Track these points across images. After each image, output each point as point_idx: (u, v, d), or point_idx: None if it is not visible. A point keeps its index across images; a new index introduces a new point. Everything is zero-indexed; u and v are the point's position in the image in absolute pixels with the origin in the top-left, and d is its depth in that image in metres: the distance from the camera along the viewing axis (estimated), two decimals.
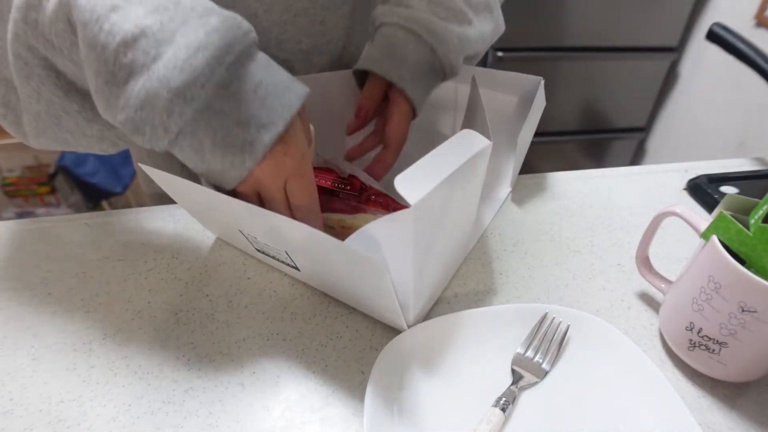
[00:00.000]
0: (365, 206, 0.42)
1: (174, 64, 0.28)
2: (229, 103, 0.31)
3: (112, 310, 0.41)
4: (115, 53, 0.28)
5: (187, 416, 0.33)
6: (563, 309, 0.39)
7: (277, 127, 0.32)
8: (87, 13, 0.27)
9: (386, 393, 0.33)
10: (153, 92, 0.28)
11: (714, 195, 0.54)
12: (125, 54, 0.28)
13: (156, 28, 0.28)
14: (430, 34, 0.42)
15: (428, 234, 0.32)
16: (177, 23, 0.29)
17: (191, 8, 0.29)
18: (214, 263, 0.45)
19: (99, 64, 0.28)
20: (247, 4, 0.48)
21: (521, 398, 0.34)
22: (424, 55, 0.44)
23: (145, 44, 0.28)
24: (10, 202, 1.73)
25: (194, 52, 0.28)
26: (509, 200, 0.54)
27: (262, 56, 0.33)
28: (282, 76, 0.33)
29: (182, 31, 0.29)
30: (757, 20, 1.35)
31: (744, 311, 0.30)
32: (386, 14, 0.44)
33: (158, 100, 0.28)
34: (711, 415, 0.34)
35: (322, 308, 0.41)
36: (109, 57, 0.28)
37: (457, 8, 0.43)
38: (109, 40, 0.27)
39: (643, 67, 1.60)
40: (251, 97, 0.31)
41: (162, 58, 0.28)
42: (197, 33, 0.29)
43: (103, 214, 0.52)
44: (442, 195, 0.31)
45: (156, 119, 0.29)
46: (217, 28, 0.29)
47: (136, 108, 0.28)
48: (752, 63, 0.58)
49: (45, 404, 0.34)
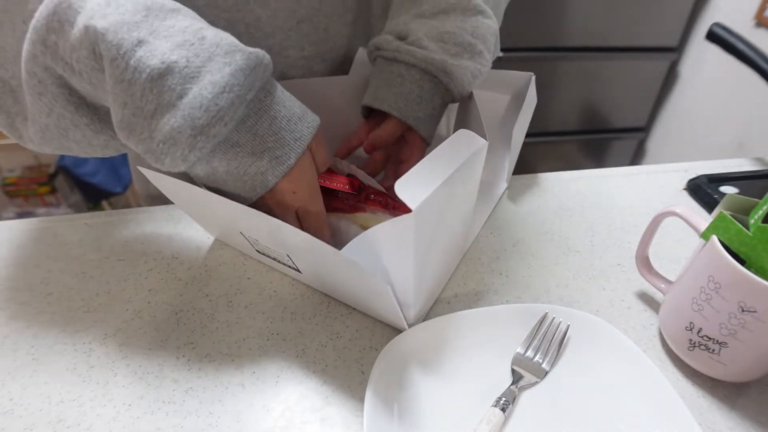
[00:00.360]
0: (364, 205, 0.42)
1: (200, 103, 0.29)
2: (246, 136, 0.32)
3: (112, 310, 0.41)
4: (141, 89, 0.28)
5: (187, 416, 0.33)
6: (563, 309, 0.39)
7: (289, 160, 0.34)
8: (114, 49, 0.28)
9: (386, 393, 0.33)
10: (177, 129, 0.29)
11: (714, 195, 0.54)
12: (151, 90, 0.28)
13: (182, 65, 0.29)
14: (446, 74, 0.42)
15: (428, 235, 0.32)
16: (203, 59, 0.29)
17: (216, 44, 0.30)
18: (214, 263, 0.45)
19: (126, 97, 0.29)
20: (250, 9, 0.48)
21: (521, 398, 0.34)
22: (439, 96, 0.44)
23: (171, 81, 0.28)
24: (11, 202, 1.73)
25: (220, 91, 0.29)
26: (509, 200, 0.54)
27: (277, 89, 0.34)
28: (295, 107, 0.35)
29: (208, 68, 0.29)
30: (757, 20, 1.35)
31: (744, 311, 0.30)
32: (399, 50, 0.43)
33: (182, 136, 0.29)
34: (711, 415, 0.34)
35: (322, 308, 0.41)
36: (135, 92, 0.28)
37: (466, 42, 0.42)
38: (135, 76, 0.28)
39: (643, 67, 1.59)
40: (266, 131, 0.33)
41: (188, 95, 0.29)
42: (223, 71, 0.29)
43: (103, 214, 0.52)
44: (441, 197, 0.31)
45: (177, 153, 0.30)
46: (242, 67, 0.30)
47: (160, 141, 0.29)
48: (752, 63, 0.58)
49: (45, 404, 0.34)
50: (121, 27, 0.28)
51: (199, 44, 0.30)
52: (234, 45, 0.31)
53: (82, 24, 0.28)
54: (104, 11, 0.28)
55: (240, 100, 0.30)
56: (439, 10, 0.43)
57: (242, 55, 0.30)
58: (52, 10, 0.28)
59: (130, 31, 0.28)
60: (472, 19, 0.43)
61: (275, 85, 0.34)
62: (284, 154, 0.34)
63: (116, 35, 0.28)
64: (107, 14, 0.28)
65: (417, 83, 0.43)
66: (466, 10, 0.43)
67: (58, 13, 0.28)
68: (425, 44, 0.42)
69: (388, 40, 0.44)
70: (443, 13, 0.43)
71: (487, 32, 0.44)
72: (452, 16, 0.43)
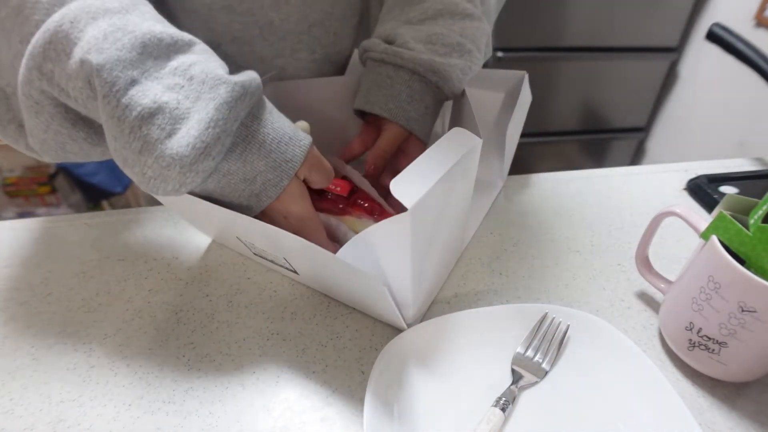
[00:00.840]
0: (351, 209, 0.42)
1: (187, 141, 0.29)
2: (236, 164, 0.32)
3: (112, 310, 0.41)
4: (130, 127, 0.29)
5: (187, 416, 0.33)
6: (563, 309, 0.39)
7: (282, 183, 0.34)
8: (107, 86, 0.28)
9: (386, 393, 0.33)
10: (167, 166, 0.29)
11: (714, 195, 0.54)
12: (140, 128, 0.29)
13: (173, 105, 0.29)
14: (434, 73, 0.42)
15: (425, 234, 0.33)
16: (192, 100, 0.30)
17: (202, 81, 0.30)
18: (214, 263, 0.45)
19: (116, 132, 0.29)
20: (264, 13, 0.48)
21: (521, 398, 0.34)
22: (431, 95, 0.44)
23: (161, 120, 0.29)
24: (11, 202, 1.73)
25: (205, 127, 0.29)
26: (509, 200, 0.54)
27: (266, 111, 0.34)
28: (285, 128, 0.35)
29: (196, 108, 0.30)
30: (757, 20, 1.35)
31: (744, 311, 0.30)
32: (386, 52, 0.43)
33: (171, 173, 0.29)
34: (711, 415, 0.34)
35: (322, 308, 0.41)
36: (125, 129, 0.29)
37: (455, 42, 0.42)
38: (126, 114, 0.28)
39: (643, 67, 1.59)
40: (255, 156, 0.33)
41: (176, 135, 0.29)
42: (207, 107, 0.30)
43: (103, 214, 0.52)
44: (437, 195, 0.32)
45: (169, 186, 0.30)
46: (226, 100, 0.30)
47: (151, 177, 0.30)
48: (752, 63, 0.58)
49: (45, 404, 0.34)
50: (116, 64, 0.28)
51: (188, 85, 0.30)
52: (218, 78, 0.31)
53: (79, 57, 0.28)
54: (101, 45, 0.28)
55: (226, 133, 0.30)
56: (426, 17, 0.43)
57: (226, 87, 0.30)
58: (49, 38, 0.28)
59: (125, 69, 0.28)
60: (460, 22, 0.43)
61: (264, 106, 0.34)
62: (276, 177, 0.34)
63: (111, 73, 0.28)
64: (103, 49, 0.28)
65: (406, 84, 0.43)
66: (454, 15, 0.43)
67: (54, 42, 0.28)
68: (412, 46, 0.42)
69: (376, 42, 0.44)
70: (431, 19, 0.43)
71: (477, 33, 0.44)
72: (440, 21, 0.43)
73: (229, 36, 0.50)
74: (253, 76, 0.32)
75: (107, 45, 0.28)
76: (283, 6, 0.48)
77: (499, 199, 0.54)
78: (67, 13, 0.29)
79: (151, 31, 0.30)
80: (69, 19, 0.28)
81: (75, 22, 0.28)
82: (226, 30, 0.49)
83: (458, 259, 0.46)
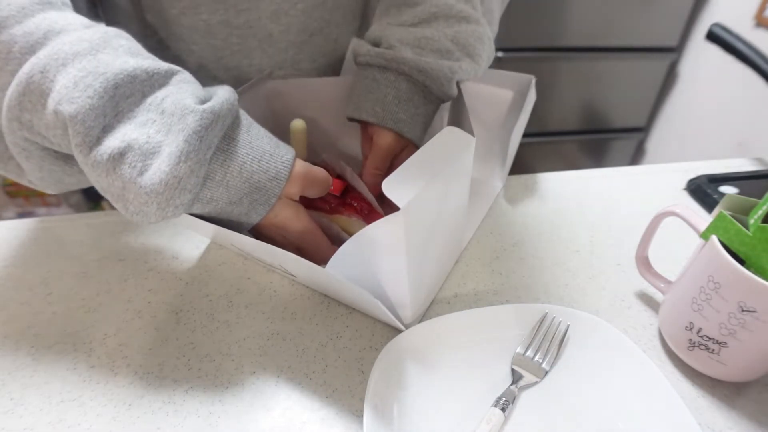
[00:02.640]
0: (342, 209, 0.42)
1: (159, 178, 0.28)
2: (218, 190, 0.32)
3: (112, 310, 0.41)
4: (105, 170, 0.28)
5: (188, 416, 0.33)
6: (563, 309, 0.39)
7: (270, 200, 0.34)
8: (79, 136, 0.28)
9: (386, 393, 0.33)
10: (144, 203, 0.29)
11: (714, 195, 0.54)
12: (114, 170, 0.28)
13: (142, 141, 0.29)
14: (419, 72, 0.40)
15: (420, 234, 0.32)
16: (163, 133, 0.29)
17: (172, 113, 0.30)
18: (214, 263, 0.45)
19: (93, 177, 0.29)
20: (263, 25, 0.48)
21: (521, 398, 0.34)
22: (420, 95, 0.42)
23: (131, 158, 0.28)
24: (11, 202, 1.73)
25: (176, 162, 0.29)
26: (509, 200, 0.54)
27: (241, 131, 0.33)
28: (264, 145, 0.34)
29: (167, 141, 0.29)
30: (756, 20, 1.35)
31: (743, 311, 0.30)
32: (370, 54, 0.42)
33: (150, 209, 0.29)
34: (711, 415, 0.34)
35: (322, 308, 0.41)
36: (101, 173, 0.29)
37: (444, 48, 0.41)
38: (98, 159, 0.28)
39: (643, 67, 1.59)
40: (237, 180, 0.32)
41: (148, 171, 0.29)
42: (177, 140, 0.29)
43: (103, 214, 0.52)
44: (430, 195, 0.31)
45: (151, 219, 0.30)
46: (196, 129, 0.29)
47: (133, 213, 0.30)
48: (752, 63, 0.58)
49: (45, 404, 0.34)
50: (88, 114, 0.27)
51: (160, 119, 0.29)
52: (185, 108, 0.29)
53: (52, 108, 0.28)
54: (71, 95, 0.27)
55: (199, 164, 0.30)
56: (420, 20, 0.42)
57: (194, 116, 0.29)
58: (22, 90, 0.28)
59: (97, 118, 0.28)
60: (456, 26, 0.42)
61: (240, 126, 0.33)
62: (262, 197, 0.33)
63: (84, 123, 0.27)
64: (74, 98, 0.27)
65: (392, 85, 0.41)
66: (449, 18, 0.42)
67: (27, 94, 0.28)
68: (398, 48, 0.41)
69: (363, 45, 0.43)
70: (424, 22, 0.42)
71: (470, 37, 0.42)
72: (434, 24, 0.42)
73: (228, 50, 0.50)
74: (225, 97, 0.31)
75: (77, 93, 0.27)
76: (282, 17, 0.48)
77: (500, 198, 0.54)
78: (36, 63, 0.28)
79: (123, 70, 0.29)
80: (38, 69, 0.28)
81: (45, 72, 0.28)
82: (224, 44, 0.49)
83: (458, 260, 0.46)
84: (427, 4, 0.42)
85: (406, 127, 0.42)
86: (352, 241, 0.32)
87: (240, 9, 0.46)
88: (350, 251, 0.32)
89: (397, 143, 0.44)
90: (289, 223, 0.36)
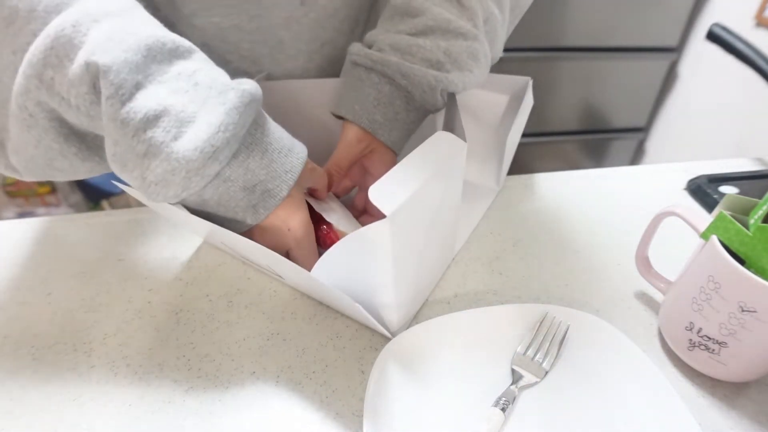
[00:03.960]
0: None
1: (195, 145, 0.29)
2: (238, 171, 0.32)
3: (112, 310, 0.41)
4: (134, 129, 0.28)
5: (188, 416, 0.33)
6: (563, 309, 0.39)
7: (282, 192, 0.34)
8: (112, 88, 0.27)
9: (386, 393, 0.33)
10: (171, 171, 0.29)
11: (714, 195, 0.54)
12: (145, 131, 0.28)
13: (179, 108, 0.29)
14: (402, 76, 0.40)
15: (407, 241, 0.32)
16: (197, 104, 0.29)
17: (209, 86, 0.30)
18: (214, 263, 0.45)
19: (118, 136, 0.29)
20: (274, 32, 0.48)
21: (521, 398, 0.34)
22: (401, 101, 0.42)
23: (166, 123, 0.28)
24: (11, 202, 1.73)
25: (215, 131, 0.29)
26: (509, 200, 0.54)
27: (267, 121, 0.34)
28: (284, 139, 0.35)
29: (202, 112, 0.29)
30: (757, 20, 1.35)
31: (744, 311, 0.30)
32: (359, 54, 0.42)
33: (176, 178, 0.29)
34: (711, 415, 0.34)
35: (322, 308, 0.41)
36: (128, 132, 0.28)
37: (434, 59, 0.41)
38: (131, 116, 0.28)
39: (643, 67, 1.59)
40: (257, 165, 0.33)
41: (183, 138, 0.29)
42: (217, 111, 0.29)
43: (103, 214, 0.52)
44: (419, 201, 0.31)
45: (170, 192, 0.30)
46: (236, 105, 0.30)
47: (152, 183, 0.29)
48: (752, 63, 0.58)
49: (45, 404, 0.34)
50: (123, 66, 0.27)
51: (193, 90, 0.30)
52: (226, 84, 0.31)
53: (83, 59, 0.27)
54: (106, 46, 0.27)
55: (235, 138, 0.30)
56: (416, 32, 0.42)
57: (235, 93, 0.30)
58: (50, 44, 0.28)
59: (131, 73, 0.28)
60: (451, 41, 0.41)
61: (265, 117, 0.34)
62: (276, 187, 0.34)
63: (118, 75, 0.27)
64: (109, 49, 0.27)
65: (375, 86, 0.41)
66: (445, 33, 0.41)
67: (56, 47, 0.28)
68: (386, 51, 0.41)
69: (356, 46, 0.43)
70: (421, 34, 0.42)
71: (464, 53, 0.42)
72: (430, 37, 0.42)
73: (236, 54, 0.49)
74: (255, 84, 0.32)
75: (113, 45, 0.28)
76: (294, 25, 0.48)
77: (499, 199, 0.54)
78: (67, 18, 0.28)
79: (153, 35, 0.29)
80: (70, 23, 0.28)
81: (77, 25, 0.28)
82: (234, 49, 0.49)
83: (458, 260, 0.46)
84: (427, 16, 0.42)
85: (380, 129, 0.42)
86: (338, 246, 0.31)
87: (252, 15, 0.46)
88: (336, 256, 0.32)
89: (363, 141, 0.43)
90: (293, 215, 0.36)
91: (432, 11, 0.41)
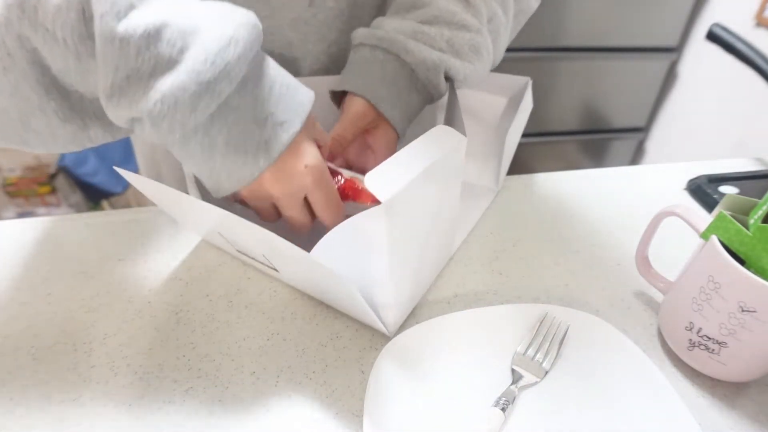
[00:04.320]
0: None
1: (205, 57, 0.27)
2: (247, 99, 0.30)
3: (112, 310, 0.41)
4: (136, 47, 0.26)
5: (188, 416, 0.33)
6: (563, 309, 0.39)
7: (294, 126, 0.32)
8: (106, 4, 0.25)
9: (386, 393, 0.33)
10: (180, 86, 0.27)
11: (714, 195, 0.54)
12: (147, 47, 0.26)
13: (180, 20, 0.27)
14: (406, 52, 0.40)
15: (404, 232, 0.32)
16: (199, 15, 0.28)
17: (210, 4, 0.29)
18: (214, 263, 0.45)
19: (118, 59, 0.26)
20: (283, 33, 0.48)
21: (521, 398, 0.34)
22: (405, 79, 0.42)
23: (169, 35, 0.26)
24: (11, 202, 1.73)
25: (227, 44, 0.27)
26: (509, 200, 0.54)
27: (269, 58, 0.33)
28: (290, 78, 0.33)
29: (207, 23, 0.28)
30: (757, 20, 1.35)
31: (743, 311, 0.30)
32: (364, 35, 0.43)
33: (185, 94, 0.27)
34: (711, 415, 0.34)
35: (322, 308, 0.41)
36: (130, 51, 0.26)
37: (437, 47, 0.41)
38: (130, 33, 0.26)
39: (643, 67, 1.59)
40: (267, 95, 0.31)
41: (190, 49, 0.27)
42: (225, 26, 0.28)
43: (103, 214, 0.52)
44: (416, 191, 0.31)
45: (177, 114, 0.27)
46: (245, 23, 0.29)
47: (158, 101, 0.27)
48: (752, 63, 0.58)
49: (45, 404, 0.34)
50: None
51: (190, 5, 0.28)
52: (231, 7, 0.29)
53: None
54: None
55: (245, 56, 0.28)
56: (422, 20, 0.43)
57: (240, 14, 0.29)
58: None
59: None
60: (454, 32, 0.42)
61: (267, 56, 0.32)
62: (288, 120, 0.31)
63: None
64: None
65: (380, 63, 0.41)
66: (449, 24, 0.42)
67: None
68: (390, 33, 0.42)
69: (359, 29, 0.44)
70: (426, 23, 0.42)
71: (466, 45, 0.42)
72: (434, 26, 0.42)
73: None
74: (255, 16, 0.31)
75: None
76: (302, 26, 0.48)
77: (499, 199, 0.54)
78: None
79: None
80: None
81: None
82: None
83: (458, 260, 0.46)
84: (432, 7, 0.42)
85: (384, 103, 0.41)
86: (331, 235, 0.31)
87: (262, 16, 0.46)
88: (330, 245, 0.31)
89: (367, 115, 0.42)
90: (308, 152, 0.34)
91: (438, 3, 0.42)
